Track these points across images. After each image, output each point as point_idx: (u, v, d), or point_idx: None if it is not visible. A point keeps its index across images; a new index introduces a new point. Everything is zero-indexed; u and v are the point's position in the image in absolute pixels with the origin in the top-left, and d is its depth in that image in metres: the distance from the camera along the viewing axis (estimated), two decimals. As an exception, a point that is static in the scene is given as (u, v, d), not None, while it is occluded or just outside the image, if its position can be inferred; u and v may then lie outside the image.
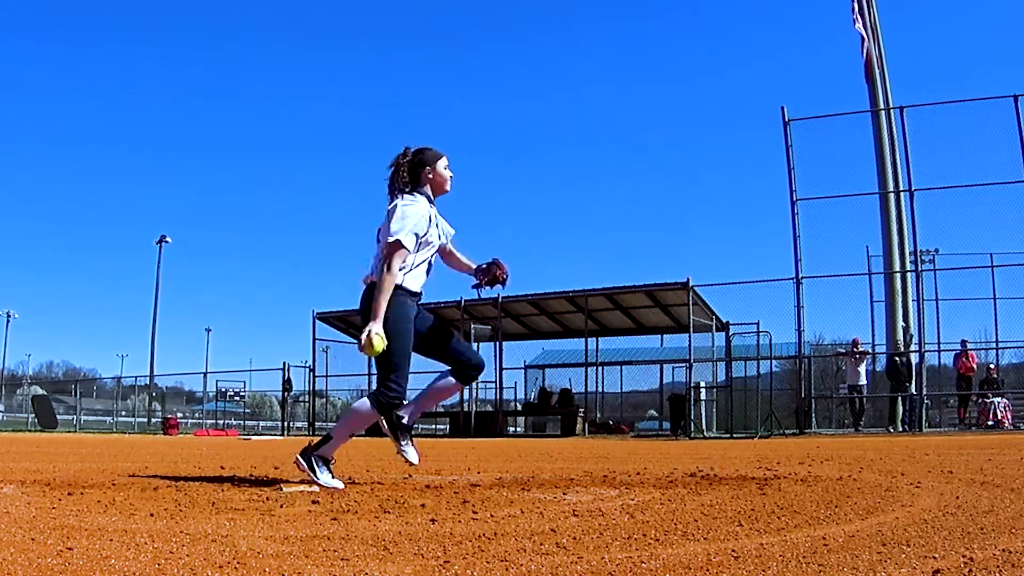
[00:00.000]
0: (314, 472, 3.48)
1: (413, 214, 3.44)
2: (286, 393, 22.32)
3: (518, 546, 1.98)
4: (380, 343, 3.29)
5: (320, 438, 3.63)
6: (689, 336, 16.28)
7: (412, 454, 3.62)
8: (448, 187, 3.65)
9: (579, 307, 19.57)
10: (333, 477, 3.53)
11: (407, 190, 3.55)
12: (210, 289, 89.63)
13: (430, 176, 3.59)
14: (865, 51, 16.52)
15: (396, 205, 3.46)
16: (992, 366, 16.12)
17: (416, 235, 3.44)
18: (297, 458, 3.53)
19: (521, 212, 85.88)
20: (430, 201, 3.60)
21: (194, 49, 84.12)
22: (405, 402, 3.61)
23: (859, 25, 16.41)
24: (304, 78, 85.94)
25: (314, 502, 2.90)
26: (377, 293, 3.36)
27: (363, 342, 3.29)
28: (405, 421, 3.62)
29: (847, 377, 15.73)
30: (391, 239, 3.38)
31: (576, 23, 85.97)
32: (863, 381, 15.53)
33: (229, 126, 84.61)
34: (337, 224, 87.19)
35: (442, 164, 3.62)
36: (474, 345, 19.44)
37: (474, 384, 19.47)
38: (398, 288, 3.42)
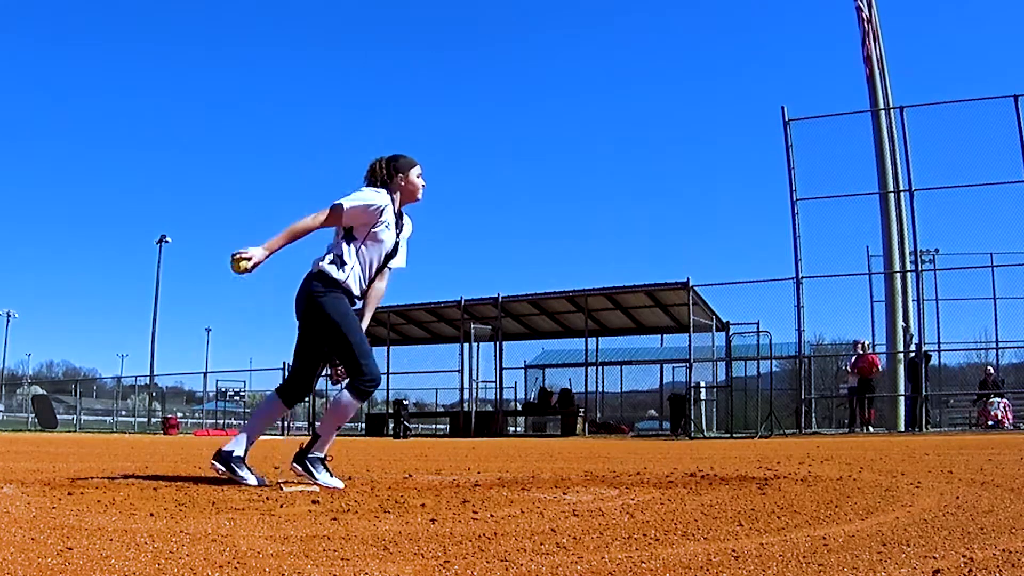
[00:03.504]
0: (312, 474, 3.50)
1: (370, 196, 3.46)
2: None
3: (518, 546, 1.98)
4: (244, 264, 3.22)
5: (309, 438, 3.65)
6: (689, 336, 16.29)
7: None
8: (420, 196, 3.65)
9: (579, 307, 19.57)
10: (332, 476, 3.55)
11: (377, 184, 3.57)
12: (210, 289, 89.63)
13: (402, 183, 3.59)
14: (865, 50, 16.50)
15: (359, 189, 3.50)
16: (991, 368, 16.11)
17: (364, 206, 3.42)
18: (293, 465, 3.57)
19: (521, 212, 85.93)
20: (397, 213, 3.60)
21: (194, 49, 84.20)
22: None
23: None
24: (304, 78, 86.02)
25: (314, 502, 2.90)
26: (287, 228, 3.34)
27: (235, 258, 3.22)
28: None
29: (849, 379, 15.72)
30: (335, 202, 3.38)
31: (576, 24, 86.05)
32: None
33: (229, 126, 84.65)
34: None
35: (415, 172, 3.62)
36: (475, 345, 19.47)
37: (475, 384, 19.51)
38: (340, 286, 3.46)
